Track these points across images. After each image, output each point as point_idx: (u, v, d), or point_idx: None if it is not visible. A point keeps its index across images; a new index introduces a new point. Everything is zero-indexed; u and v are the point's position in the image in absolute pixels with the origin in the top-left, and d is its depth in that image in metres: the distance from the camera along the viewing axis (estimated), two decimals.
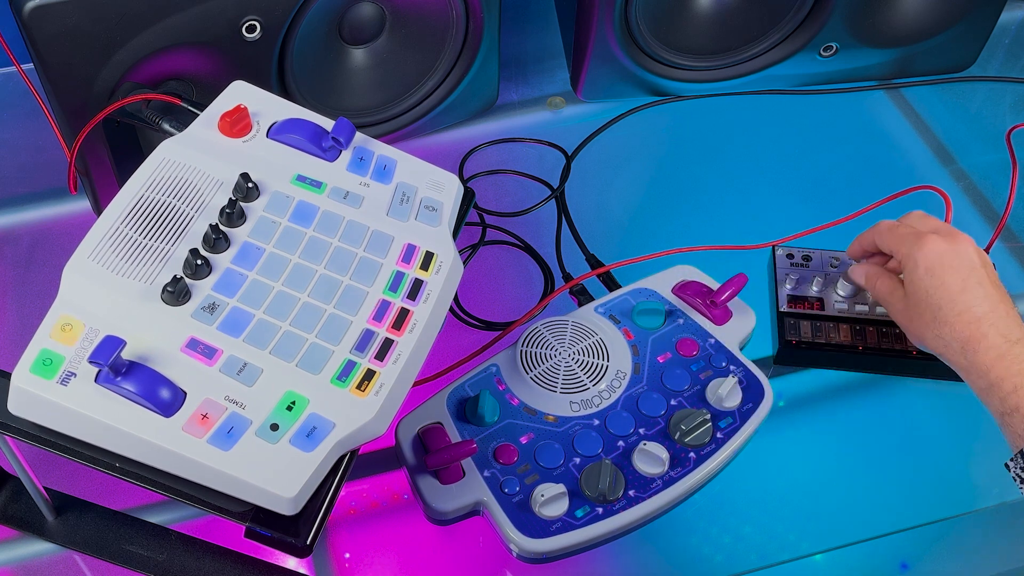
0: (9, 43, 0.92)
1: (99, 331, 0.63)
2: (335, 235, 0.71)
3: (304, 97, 0.98)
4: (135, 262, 0.66)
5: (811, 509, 0.83)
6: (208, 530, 0.77)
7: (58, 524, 0.76)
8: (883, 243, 0.82)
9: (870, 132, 1.15)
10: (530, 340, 0.83)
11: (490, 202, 1.04)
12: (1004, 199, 0.94)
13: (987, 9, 1.12)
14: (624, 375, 0.82)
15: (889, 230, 0.81)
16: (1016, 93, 1.20)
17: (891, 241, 0.81)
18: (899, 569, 0.82)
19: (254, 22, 0.88)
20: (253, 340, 0.65)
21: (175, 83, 0.90)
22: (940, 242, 0.77)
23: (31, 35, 0.81)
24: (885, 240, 0.82)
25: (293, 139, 0.75)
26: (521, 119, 1.14)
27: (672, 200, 1.07)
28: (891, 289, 0.81)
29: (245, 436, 0.61)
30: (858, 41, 1.12)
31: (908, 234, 0.79)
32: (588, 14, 1.04)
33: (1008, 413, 0.70)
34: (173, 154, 0.72)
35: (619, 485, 0.75)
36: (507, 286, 0.97)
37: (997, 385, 0.71)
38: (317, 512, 0.63)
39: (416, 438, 0.78)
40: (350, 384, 0.64)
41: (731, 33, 1.10)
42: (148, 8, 0.83)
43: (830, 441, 0.88)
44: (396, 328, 0.68)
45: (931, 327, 0.76)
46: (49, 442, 0.63)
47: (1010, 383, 0.70)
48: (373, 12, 0.98)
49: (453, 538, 0.80)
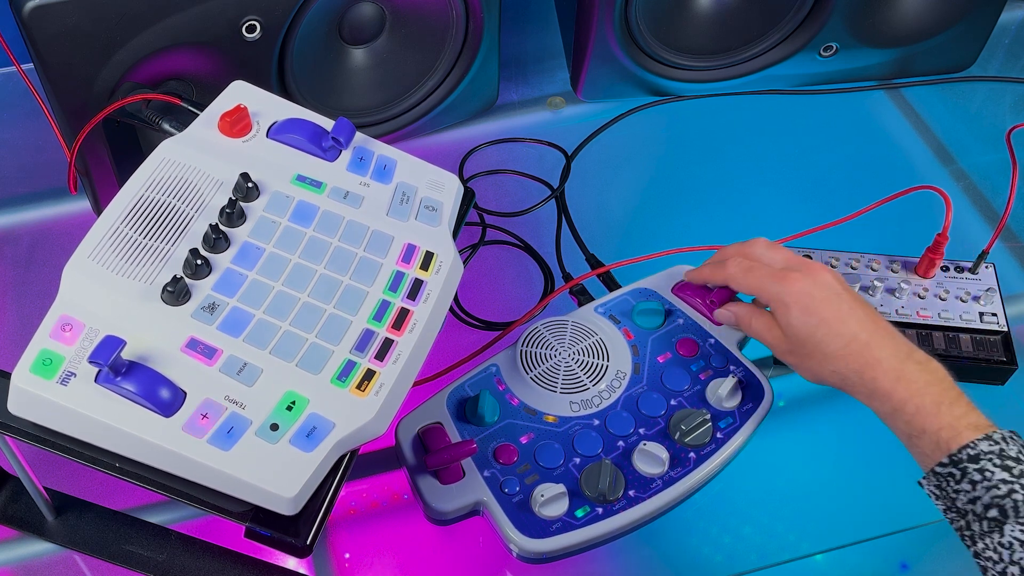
0: (9, 43, 0.92)
1: (99, 331, 0.63)
2: (335, 235, 0.71)
3: (304, 97, 0.98)
4: (135, 262, 0.66)
5: (811, 509, 0.83)
6: (208, 530, 0.77)
7: (58, 524, 0.76)
8: (739, 286, 0.80)
9: (870, 132, 1.15)
10: (530, 340, 0.83)
11: (490, 202, 1.04)
12: (1004, 199, 0.94)
13: (987, 9, 1.12)
14: (624, 375, 0.82)
15: (744, 274, 0.79)
16: (1016, 93, 1.20)
17: (751, 285, 0.79)
18: (899, 569, 0.82)
19: (254, 22, 0.88)
20: (253, 340, 0.65)
21: (175, 83, 0.90)
22: (802, 278, 0.76)
23: (31, 35, 0.81)
24: (741, 283, 0.80)
25: (293, 139, 0.75)
26: (521, 119, 1.14)
27: (672, 200, 1.07)
28: (768, 327, 0.79)
29: (245, 436, 0.61)
30: (858, 41, 1.12)
31: (767, 276, 0.78)
32: (588, 14, 1.04)
33: (916, 435, 0.70)
34: (173, 154, 0.72)
35: (619, 485, 0.75)
36: (507, 286, 0.97)
37: (900, 408, 0.71)
38: (317, 512, 0.63)
39: (416, 438, 0.78)
40: (350, 384, 0.64)
41: (731, 33, 1.10)
42: (148, 8, 0.83)
43: (830, 441, 0.88)
44: (396, 328, 0.68)
45: (824, 364, 0.75)
46: (49, 442, 0.63)
47: (912, 405, 0.70)
48: (373, 12, 0.98)
49: (453, 538, 0.80)
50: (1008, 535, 0.64)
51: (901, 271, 0.92)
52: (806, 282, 0.76)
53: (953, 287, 0.91)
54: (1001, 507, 0.64)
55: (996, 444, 0.66)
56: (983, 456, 0.66)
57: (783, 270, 0.78)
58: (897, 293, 0.90)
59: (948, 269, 0.92)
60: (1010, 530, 0.64)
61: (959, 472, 0.67)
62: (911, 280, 0.91)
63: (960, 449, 0.67)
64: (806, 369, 0.77)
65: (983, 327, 0.88)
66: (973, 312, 0.89)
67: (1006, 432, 0.68)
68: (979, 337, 0.88)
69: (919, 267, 0.91)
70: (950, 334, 0.89)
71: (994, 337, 0.89)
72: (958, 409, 0.69)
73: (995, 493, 0.65)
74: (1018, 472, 0.65)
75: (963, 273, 0.92)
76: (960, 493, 0.67)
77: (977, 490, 0.66)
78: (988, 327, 0.88)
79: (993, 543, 0.64)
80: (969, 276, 0.92)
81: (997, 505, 0.65)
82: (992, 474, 0.65)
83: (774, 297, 0.77)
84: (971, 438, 0.67)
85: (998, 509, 0.65)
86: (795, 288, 0.76)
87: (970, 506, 0.66)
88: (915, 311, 0.89)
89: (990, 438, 0.67)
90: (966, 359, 0.87)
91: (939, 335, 0.88)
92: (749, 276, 0.79)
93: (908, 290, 0.90)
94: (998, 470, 0.65)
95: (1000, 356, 0.88)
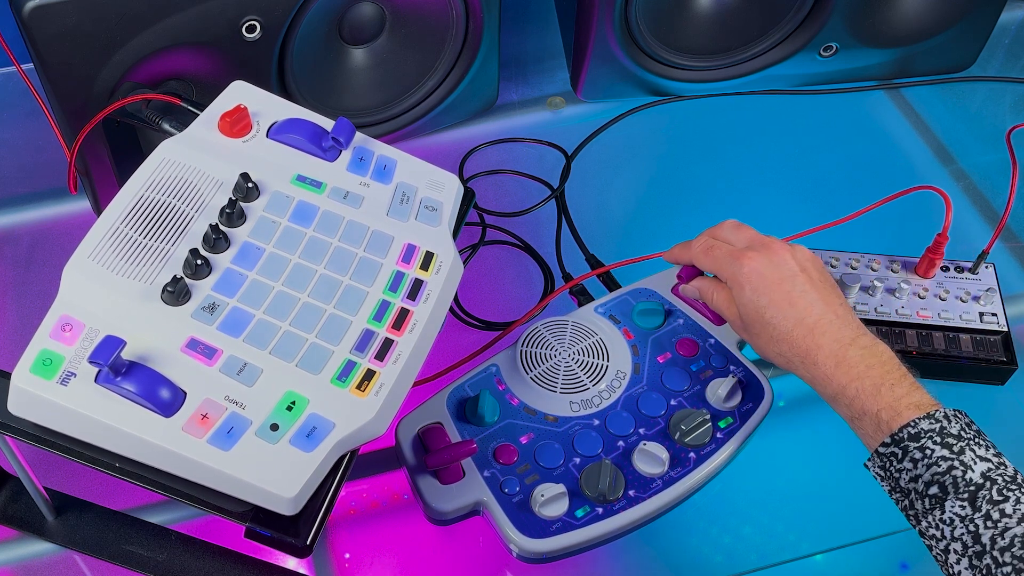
0: (9, 43, 0.92)
1: (99, 331, 0.63)
2: (335, 235, 0.71)
3: (304, 97, 0.98)
4: (135, 262, 0.66)
5: (811, 509, 0.83)
6: (208, 530, 0.77)
7: (58, 524, 0.76)
8: (703, 266, 0.82)
9: (870, 132, 1.15)
10: (530, 340, 0.83)
11: (490, 202, 1.04)
12: (1004, 199, 0.94)
13: (987, 9, 1.12)
14: (624, 375, 0.82)
15: (705, 252, 0.81)
16: (1016, 93, 1.20)
17: (710, 264, 0.81)
18: (899, 569, 0.82)
19: (254, 22, 0.88)
20: (253, 340, 0.65)
21: (175, 83, 0.90)
22: (758, 258, 0.77)
23: (31, 35, 0.81)
24: (704, 263, 0.82)
25: (293, 139, 0.75)
26: (521, 119, 1.14)
27: (672, 200, 1.07)
28: (727, 303, 0.81)
29: (245, 436, 0.61)
30: (858, 41, 1.12)
31: (725, 254, 0.79)
32: (588, 14, 1.04)
33: (857, 418, 0.71)
34: (173, 154, 0.72)
35: (619, 485, 0.75)
36: (507, 286, 0.97)
37: (841, 393, 0.72)
38: (317, 512, 0.63)
39: (416, 438, 0.78)
40: (350, 384, 0.64)
41: (731, 33, 1.10)
42: (148, 8, 0.83)
43: (830, 441, 0.88)
44: (396, 328, 0.68)
45: (771, 345, 0.76)
46: (49, 442, 0.63)
47: (852, 388, 0.71)
48: (373, 12, 0.98)
49: (453, 538, 0.80)
50: (948, 511, 0.64)
51: (901, 271, 0.92)
52: (761, 261, 0.77)
53: (953, 287, 0.91)
54: (941, 484, 0.65)
55: (937, 422, 0.67)
56: (923, 434, 0.67)
57: (743, 249, 0.79)
58: (897, 293, 0.90)
59: (948, 269, 0.92)
60: (950, 506, 0.64)
61: (900, 451, 0.67)
62: (911, 280, 0.91)
63: (901, 428, 0.68)
64: (757, 347, 0.79)
65: (983, 327, 0.88)
66: (973, 312, 0.89)
67: (950, 411, 0.68)
68: (979, 337, 0.88)
69: (919, 267, 0.91)
70: (950, 334, 0.89)
71: (994, 337, 0.89)
72: (900, 390, 0.70)
73: (935, 470, 0.65)
74: (958, 449, 0.66)
75: (963, 273, 0.92)
76: (902, 472, 0.67)
77: (918, 468, 0.66)
78: (988, 327, 0.88)
79: (935, 520, 0.65)
80: (969, 276, 0.92)
81: (938, 483, 0.65)
82: (932, 452, 0.66)
83: (730, 276, 0.79)
84: (911, 417, 0.68)
85: (938, 486, 0.65)
86: (749, 267, 0.77)
87: (912, 484, 0.67)
88: (915, 311, 0.89)
89: (932, 416, 0.67)
90: (966, 359, 0.87)
91: (939, 335, 0.88)
92: (709, 254, 0.81)
93: (908, 290, 0.90)
94: (938, 447, 0.66)
95: (1000, 356, 0.88)
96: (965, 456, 0.65)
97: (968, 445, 0.66)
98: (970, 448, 0.66)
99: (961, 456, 0.65)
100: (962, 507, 0.64)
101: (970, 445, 0.66)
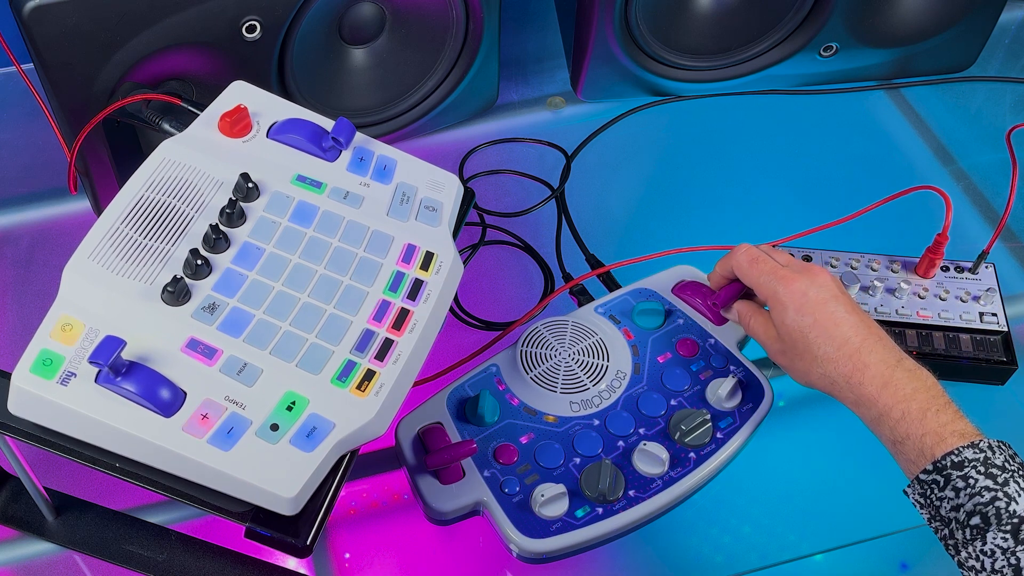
0: (9, 43, 0.92)
1: (99, 331, 0.63)
2: (335, 235, 0.71)
3: (304, 97, 0.98)
4: (135, 262, 0.66)
5: (811, 509, 0.83)
6: (208, 530, 0.77)
7: (58, 524, 0.76)
8: (742, 273, 0.81)
9: (870, 132, 1.15)
10: (530, 340, 0.83)
11: (490, 202, 1.04)
12: (1004, 199, 0.94)
13: (987, 9, 1.12)
14: (624, 375, 0.82)
15: (751, 263, 0.80)
16: (1016, 93, 1.20)
17: (754, 276, 0.80)
18: (899, 569, 0.82)
19: (254, 22, 0.88)
20: (253, 340, 0.65)
21: (175, 83, 0.90)
22: (800, 279, 0.76)
23: (31, 35, 0.81)
24: (746, 273, 0.80)
25: (293, 139, 0.75)
26: (521, 119, 1.14)
27: (672, 200, 1.07)
28: (764, 326, 0.80)
29: (245, 436, 0.61)
30: (858, 41, 1.12)
31: (769, 270, 0.78)
32: (588, 14, 1.04)
33: (899, 442, 0.70)
34: (173, 154, 0.72)
35: (619, 485, 0.75)
36: (507, 286, 0.97)
37: (886, 414, 0.71)
38: (317, 512, 0.63)
39: (416, 438, 0.78)
40: (350, 384, 0.64)
41: (731, 33, 1.10)
42: (148, 8, 0.83)
43: (830, 441, 0.88)
44: (396, 328, 0.68)
45: (814, 366, 0.75)
46: (49, 442, 0.63)
47: (897, 411, 0.70)
48: (373, 12, 0.98)
49: (453, 538, 0.80)
50: (990, 543, 0.63)
51: (901, 271, 0.92)
52: (804, 282, 0.76)
53: (953, 287, 0.91)
54: (984, 515, 0.64)
55: (981, 452, 0.66)
56: (967, 463, 0.66)
57: (785, 268, 0.78)
58: (897, 293, 0.90)
59: (948, 269, 0.92)
60: (992, 538, 0.63)
61: (943, 479, 0.66)
62: (911, 280, 0.91)
63: (944, 456, 0.66)
64: (796, 371, 0.78)
65: (983, 327, 0.88)
66: (973, 312, 0.89)
67: (994, 441, 0.67)
68: (979, 337, 0.88)
69: (919, 267, 0.91)
70: (950, 334, 0.89)
71: (994, 337, 0.89)
72: (944, 416, 0.69)
73: (978, 500, 0.64)
74: (1002, 480, 0.65)
75: (963, 273, 0.92)
76: (944, 501, 0.66)
77: (960, 497, 0.65)
78: (988, 327, 0.88)
79: (975, 551, 0.64)
80: (969, 276, 0.92)
81: (980, 513, 0.64)
82: (976, 481, 0.65)
83: (772, 293, 0.77)
84: (956, 445, 0.67)
85: (981, 517, 0.64)
86: (793, 287, 0.76)
87: (953, 514, 0.66)
88: (915, 311, 0.89)
89: (975, 446, 0.66)
90: (966, 359, 0.87)
91: (939, 335, 0.88)
92: (753, 266, 0.80)
93: (908, 290, 0.90)
94: (982, 477, 0.65)
95: (1000, 356, 0.88)
96: (1009, 488, 0.64)
97: (1012, 477, 0.65)
98: (1015, 480, 0.65)
99: (1005, 487, 0.64)
100: (1004, 539, 0.63)
101: (1014, 477, 0.65)
